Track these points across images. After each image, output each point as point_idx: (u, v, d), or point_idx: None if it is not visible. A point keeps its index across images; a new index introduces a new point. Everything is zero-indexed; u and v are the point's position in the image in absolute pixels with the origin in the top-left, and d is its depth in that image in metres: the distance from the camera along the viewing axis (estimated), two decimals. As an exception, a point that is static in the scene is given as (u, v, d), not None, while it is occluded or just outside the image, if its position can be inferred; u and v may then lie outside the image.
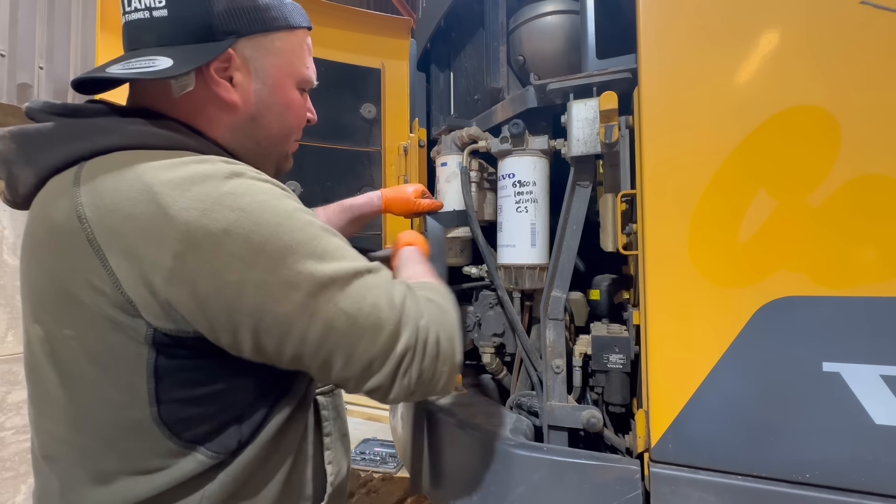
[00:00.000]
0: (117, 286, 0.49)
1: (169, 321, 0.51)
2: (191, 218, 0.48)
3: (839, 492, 0.68)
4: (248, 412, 0.60)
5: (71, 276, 0.51)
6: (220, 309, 0.51)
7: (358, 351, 0.56)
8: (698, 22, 0.79)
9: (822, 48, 0.72)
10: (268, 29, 0.63)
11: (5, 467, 2.22)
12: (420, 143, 1.58)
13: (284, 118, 0.69)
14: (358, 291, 0.56)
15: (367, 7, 4.58)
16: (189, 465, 0.56)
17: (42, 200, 0.55)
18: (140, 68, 0.55)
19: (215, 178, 0.52)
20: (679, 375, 0.77)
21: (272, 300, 0.51)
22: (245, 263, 0.50)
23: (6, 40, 2.04)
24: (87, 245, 0.49)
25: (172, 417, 0.54)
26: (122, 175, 0.51)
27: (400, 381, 0.59)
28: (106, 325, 0.51)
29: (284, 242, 0.52)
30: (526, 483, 0.87)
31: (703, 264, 0.76)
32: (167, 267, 0.49)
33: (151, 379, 0.53)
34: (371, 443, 3.06)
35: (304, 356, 0.55)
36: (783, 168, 0.73)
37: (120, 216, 0.49)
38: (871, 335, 0.68)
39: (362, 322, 0.55)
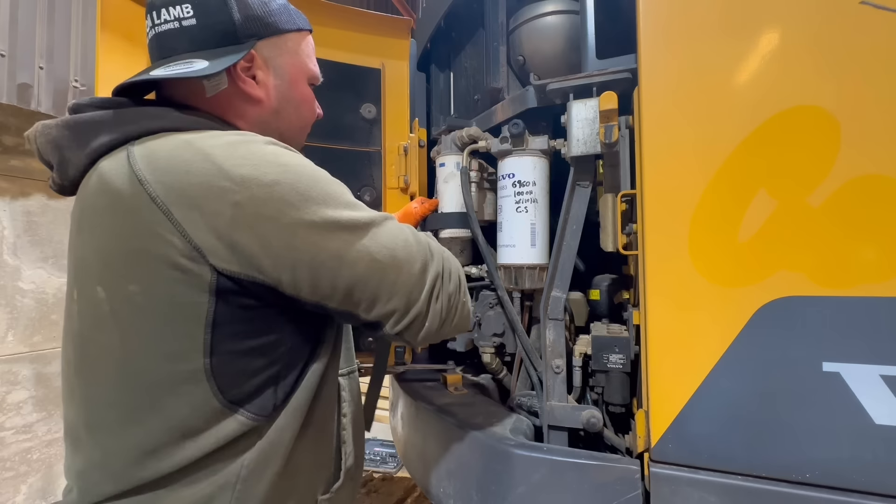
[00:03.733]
0: (184, 235, 0.55)
1: (234, 263, 0.56)
2: (245, 171, 0.56)
3: (839, 492, 0.68)
4: (283, 373, 0.65)
5: (139, 233, 0.56)
6: (280, 248, 0.57)
7: (400, 281, 0.65)
8: (698, 22, 0.79)
9: (822, 48, 0.72)
10: (281, 31, 0.72)
11: (5, 467, 2.22)
12: (420, 143, 1.58)
13: (301, 111, 0.78)
14: (391, 230, 0.66)
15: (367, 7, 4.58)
16: (230, 427, 0.60)
17: (97, 176, 0.59)
18: (181, 69, 0.62)
19: (256, 143, 0.60)
20: (679, 375, 0.77)
21: (323, 238, 0.59)
22: (295, 208, 0.57)
23: (6, 40, 2.04)
24: (151, 203, 0.55)
25: (222, 371, 0.59)
26: (173, 144, 0.58)
27: (434, 306, 0.69)
28: (172, 277, 0.56)
29: (325, 192, 0.61)
30: (526, 483, 0.87)
31: (703, 264, 0.76)
32: (229, 214, 0.55)
33: (209, 328, 0.57)
34: (371, 443, 3.06)
35: (355, 290, 0.62)
36: (783, 168, 0.73)
37: (178, 174, 0.56)
38: (871, 335, 0.68)
39: (399, 255, 0.65)
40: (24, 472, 2.27)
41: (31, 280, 2.33)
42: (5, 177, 2.21)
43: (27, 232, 2.31)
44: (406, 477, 2.65)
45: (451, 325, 0.74)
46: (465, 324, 0.77)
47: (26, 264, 2.31)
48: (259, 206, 0.56)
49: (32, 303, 2.33)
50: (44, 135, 0.62)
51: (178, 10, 0.65)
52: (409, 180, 1.60)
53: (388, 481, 2.64)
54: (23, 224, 2.30)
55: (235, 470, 0.61)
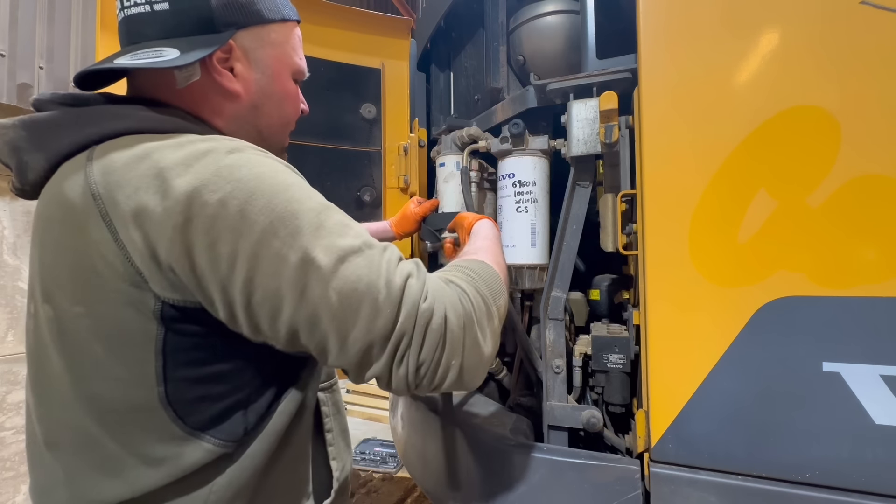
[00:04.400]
0: (127, 258, 0.50)
1: (175, 291, 0.52)
2: (190, 190, 0.49)
3: (839, 492, 0.68)
4: (253, 397, 0.60)
5: (86, 251, 0.52)
6: (215, 281, 0.51)
7: (353, 335, 0.52)
8: (698, 22, 0.79)
9: (822, 48, 0.72)
10: (264, 21, 0.65)
11: (5, 467, 2.22)
12: (420, 143, 1.58)
13: (283, 107, 0.71)
14: (354, 271, 0.52)
15: (367, 7, 4.58)
16: (196, 454, 0.56)
17: (55, 184, 0.55)
18: (149, 59, 0.56)
19: (217, 153, 0.53)
20: (679, 375, 0.77)
21: (262, 274, 0.50)
22: (237, 234, 0.50)
23: (6, 40, 2.04)
24: (101, 220, 0.50)
25: (179, 398, 0.54)
26: (132, 154, 0.52)
27: (396, 371, 0.54)
28: (117, 300, 0.51)
29: (277, 214, 0.51)
30: (526, 483, 0.87)
31: (703, 264, 0.76)
32: (168, 237, 0.49)
33: (160, 356, 0.53)
34: (371, 443, 3.07)
35: (300, 337, 0.53)
36: (783, 168, 0.73)
37: (129, 191, 0.50)
38: (871, 335, 0.68)
39: (356, 303, 0.52)
40: (24, 472, 2.27)
41: (31, 280, 2.33)
42: (5, 177, 2.21)
43: (27, 232, 2.31)
44: (406, 477, 2.65)
45: (432, 389, 0.58)
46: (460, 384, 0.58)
47: (26, 264, 2.31)
48: (198, 232, 0.49)
49: (32, 303, 2.33)
50: (1, 136, 0.56)
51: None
52: (409, 180, 1.60)
53: (388, 481, 2.64)
54: (23, 224, 2.30)
55: (203, 496, 0.57)
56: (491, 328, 0.61)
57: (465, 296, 0.59)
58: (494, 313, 0.62)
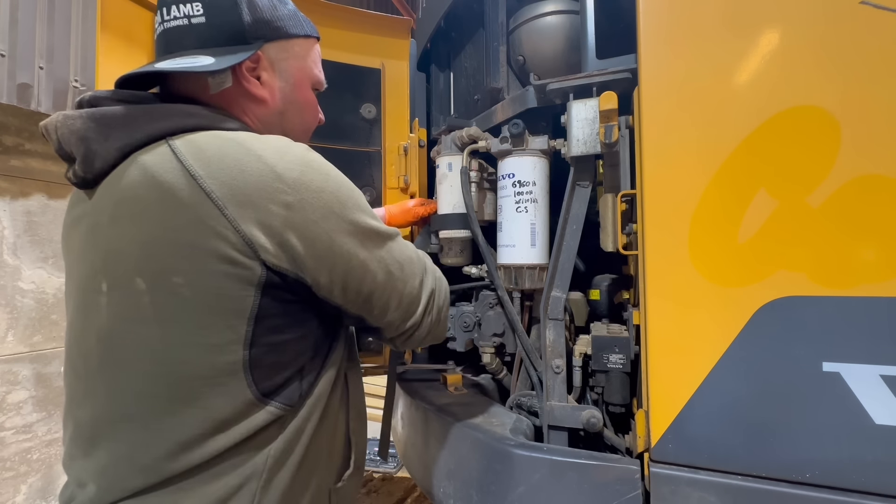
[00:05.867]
0: (238, 230, 0.56)
1: (284, 260, 0.59)
2: (295, 175, 0.59)
3: (839, 492, 0.68)
4: (307, 366, 0.68)
5: (191, 226, 0.57)
6: (323, 251, 0.61)
7: (406, 292, 0.73)
8: (698, 22, 0.79)
9: (822, 48, 0.72)
10: (289, 35, 0.74)
11: (5, 467, 2.21)
12: (420, 143, 1.58)
13: (304, 115, 0.80)
14: (401, 245, 0.73)
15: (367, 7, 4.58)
16: (260, 418, 0.62)
17: (139, 169, 0.59)
18: (188, 64, 0.63)
19: (300, 149, 0.63)
20: (679, 375, 0.77)
21: (355, 245, 0.64)
22: (336, 215, 0.62)
23: (6, 40, 2.03)
24: (206, 198, 0.56)
25: (258, 363, 0.61)
26: (221, 143, 0.60)
27: (426, 319, 0.77)
28: (221, 270, 0.57)
29: (356, 202, 0.66)
30: (526, 483, 0.87)
31: (703, 264, 0.76)
32: (282, 214, 0.58)
33: (251, 322, 0.59)
34: (371, 443, 3.06)
35: (373, 298, 0.69)
36: (783, 168, 0.73)
37: (232, 172, 0.57)
38: (871, 335, 0.68)
39: (408, 269, 0.73)
40: (24, 472, 2.27)
41: (31, 280, 2.33)
42: (5, 177, 2.21)
43: (27, 232, 2.31)
44: (406, 477, 2.65)
45: (434, 335, 0.82)
46: (443, 334, 0.86)
47: (26, 264, 2.30)
48: (308, 210, 0.60)
49: (32, 303, 2.32)
50: (66, 126, 0.61)
51: (189, 7, 0.66)
52: (408, 180, 1.60)
53: (388, 481, 2.64)
54: (23, 224, 2.30)
55: (262, 460, 0.63)
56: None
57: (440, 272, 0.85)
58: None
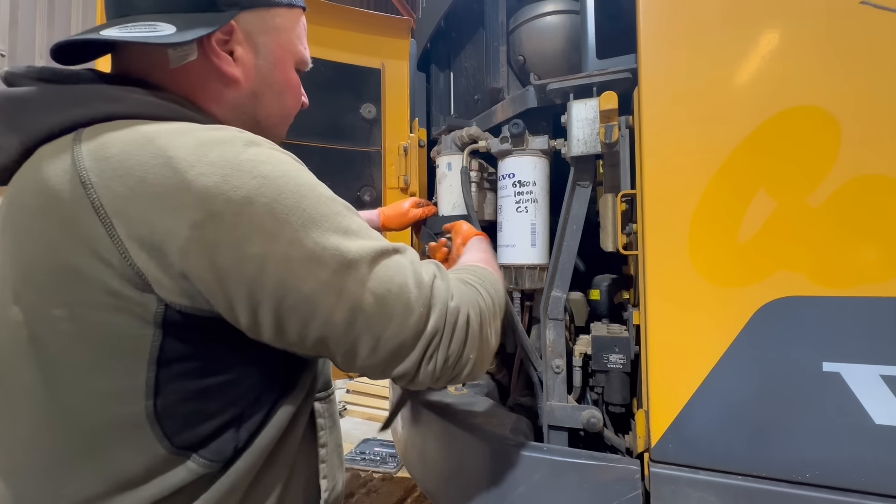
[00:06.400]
0: (125, 257, 0.45)
1: (184, 296, 0.47)
2: (210, 184, 0.45)
3: (839, 492, 0.68)
4: (248, 412, 0.56)
5: (72, 248, 0.45)
6: (240, 284, 0.46)
7: (386, 335, 0.52)
8: (698, 22, 0.79)
9: (822, 48, 0.71)
10: (269, 4, 0.61)
11: (5, 467, 2.21)
12: (420, 143, 1.58)
13: (284, 98, 0.66)
14: (386, 271, 0.52)
15: (367, 7, 4.58)
16: (178, 476, 0.51)
17: (31, 169, 0.48)
18: (141, 33, 0.50)
19: (234, 144, 0.48)
20: (679, 375, 0.77)
21: (296, 277, 0.47)
22: (267, 235, 0.46)
23: (6, 40, 2.04)
24: (93, 213, 0.45)
25: (169, 414, 0.49)
26: (131, 139, 0.47)
27: (425, 367, 0.56)
28: (107, 303, 0.46)
29: (309, 215, 0.48)
30: (526, 483, 0.87)
31: (703, 264, 0.76)
32: (183, 236, 0.44)
33: (153, 366, 0.48)
34: (371, 443, 3.07)
35: (330, 340, 0.51)
36: (783, 168, 0.73)
37: (130, 181, 0.45)
38: (871, 335, 0.68)
39: (391, 303, 0.52)
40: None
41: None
42: (5, 177, 2.21)
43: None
44: (406, 477, 2.65)
45: (448, 380, 0.61)
46: (472, 376, 0.62)
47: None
48: (221, 231, 0.45)
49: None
50: None
51: None
52: (409, 180, 1.60)
53: (388, 481, 2.64)
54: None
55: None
56: (496, 326, 0.65)
57: (480, 296, 0.63)
58: (498, 313, 0.67)
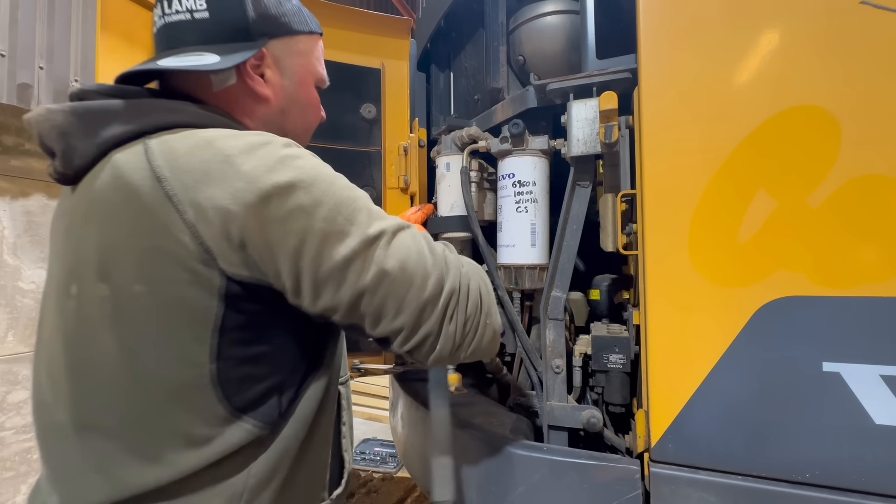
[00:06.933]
0: (196, 237, 0.54)
1: (244, 267, 0.56)
2: (260, 174, 0.55)
3: (839, 492, 0.68)
4: (286, 381, 0.64)
5: (152, 232, 0.55)
6: (286, 255, 0.56)
7: (409, 297, 0.61)
8: (698, 22, 0.79)
9: (823, 48, 0.72)
10: (293, 32, 0.72)
11: (5, 467, 2.21)
12: (420, 143, 1.58)
13: (307, 113, 0.78)
14: (404, 242, 0.62)
15: (367, 7, 4.58)
16: (236, 436, 0.59)
17: (111, 169, 0.57)
18: (191, 62, 0.61)
19: (275, 145, 0.59)
20: (679, 375, 0.77)
21: (330, 247, 0.57)
22: (306, 213, 0.56)
23: (6, 40, 2.03)
24: (168, 201, 0.54)
25: (227, 377, 0.58)
26: (194, 142, 0.57)
27: (447, 328, 0.63)
28: (182, 278, 0.55)
29: (338, 197, 0.59)
30: (526, 483, 0.87)
31: (703, 264, 0.76)
32: (241, 216, 0.54)
33: (216, 333, 0.56)
34: (371, 443, 3.07)
35: (361, 303, 0.60)
36: (783, 168, 0.73)
37: (196, 175, 0.55)
38: (871, 335, 0.68)
39: (411, 269, 0.61)
40: (24, 472, 2.27)
41: (31, 280, 2.33)
42: (5, 177, 2.21)
43: (27, 232, 2.31)
44: (406, 477, 2.65)
45: (469, 349, 0.67)
46: (489, 348, 0.70)
47: (26, 264, 2.31)
48: (271, 209, 0.55)
49: (32, 303, 2.32)
50: (48, 120, 0.59)
51: (191, 1, 0.64)
52: (409, 180, 1.60)
53: (388, 481, 2.64)
54: (23, 224, 2.30)
55: (242, 481, 0.60)
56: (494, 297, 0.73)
57: (481, 270, 0.74)
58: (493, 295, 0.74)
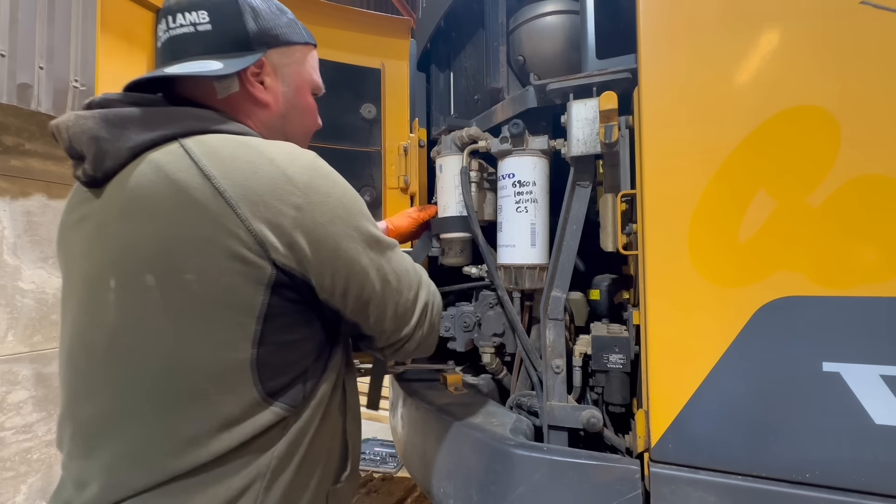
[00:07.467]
0: (250, 229, 0.58)
1: (292, 260, 0.61)
2: (305, 179, 0.62)
3: (839, 492, 0.68)
4: (311, 368, 0.70)
5: (204, 223, 0.58)
6: (328, 254, 0.64)
7: (401, 303, 0.74)
8: (698, 22, 0.79)
9: (822, 48, 0.72)
10: (290, 42, 0.77)
11: (5, 467, 2.22)
12: (420, 143, 1.58)
13: (305, 118, 0.84)
14: (400, 256, 0.76)
15: (367, 7, 4.58)
16: (266, 417, 0.63)
17: (152, 168, 0.61)
18: (199, 69, 0.66)
19: (309, 155, 0.66)
20: (679, 375, 0.77)
21: (358, 251, 0.67)
22: (341, 220, 0.65)
23: (6, 40, 2.04)
24: (219, 196, 0.58)
25: (265, 362, 0.62)
26: (234, 144, 0.63)
27: (418, 331, 0.79)
28: (232, 268, 0.59)
29: (359, 209, 0.69)
30: (526, 483, 0.87)
31: (703, 264, 0.76)
32: (291, 215, 0.60)
33: (261, 320, 0.61)
34: (371, 443, 3.07)
35: (371, 305, 0.71)
36: (783, 168, 0.73)
37: (245, 173, 0.60)
38: (871, 335, 0.68)
39: (404, 279, 0.75)
40: (24, 472, 2.27)
41: (31, 280, 2.33)
42: (5, 177, 2.21)
43: (27, 232, 2.31)
44: (406, 477, 2.65)
45: (423, 348, 0.83)
46: (432, 348, 0.86)
47: (26, 264, 2.31)
48: (316, 213, 0.62)
49: (32, 303, 2.32)
50: (78, 125, 0.62)
51: (195, 15, 0.68)
52: (409, 180, 1.60)
53: (388, 481, 2.64)
54: (23, 224, 2.30)
55: (266, 461, 0.64)
56: None
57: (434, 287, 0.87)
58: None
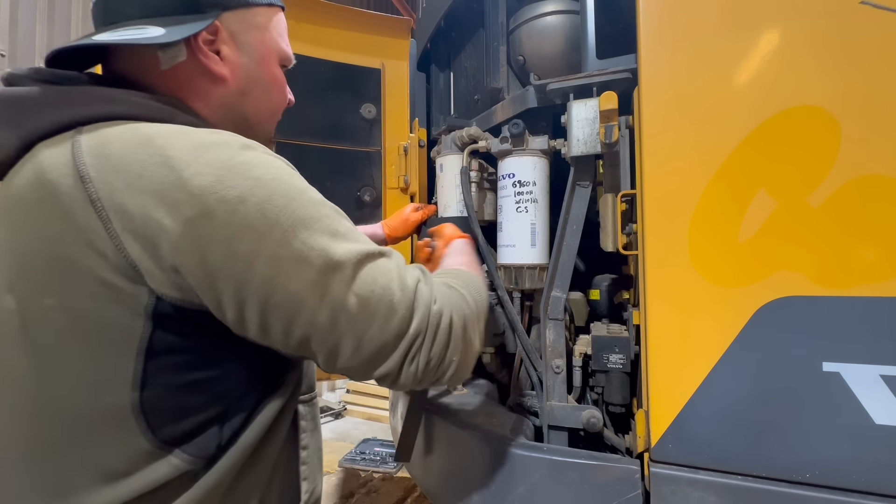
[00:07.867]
0: (120, 249, 0.46)
1: (175, 289, 0.48)
2: (205, 183, 0.47)
3: (839, 492, 0.68)
4: (232, 409, 0.56)
5: (68, 239, 0.47)
6: (229, 280, 0.48)
7: (368, 336, 0.54)
8: (698, 22, 0.79)
9: (822, 48, 0.72)
10: (249, 4, 0.63)
11: None
12: (420, 143, 1.58)
13: (270, 94, 0.68)
14: (370, 274, 0.54)
15: (367, 7, 4.58)
16: (161, 471, 0.51)
17: (30, 163, 0.50)
18: (132, 35, 0.53)
19: (229, 147, 0.51)
20: (679, 375, 0.77)
21: (283, 275, 0.49)
22: (257, 234, 0.48)
23: (6, 40, 2.04)
24: (90, 206, 0.46)
25: (155, 407, 0.50)
26: (131, 138, 0.49)
27: (407, 369, 0.57)
28: (100, 294, 0.47)
29: (298, 216, 0.50)
30: (526, 483, 0.87)
31: (703, 264, 0.76)
32: (177, 232, 0.46)
33: (141, 357, 0.48)
34: (371, 443, 3.07)
35: (313, 340, 0.53)
36: (783, 168, 0.73)
37: (129, 177, 0.47)
38: (871, 335, 0.68)
39: (374, 305, 0.53)
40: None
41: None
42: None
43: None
44: (406, 477, 2.65)
45: (432, 382, 0.62)
46: (456, 379, 0.65)
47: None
48: (213, 228, 0.47)
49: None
50: None
51: None
52: (409, 180, 1.60)
53: (388, 481, 2.64)
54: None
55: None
56: (479, 329, 0.67)
57: (464, 300, 0.64)
58: (481, 316, 0.68)
